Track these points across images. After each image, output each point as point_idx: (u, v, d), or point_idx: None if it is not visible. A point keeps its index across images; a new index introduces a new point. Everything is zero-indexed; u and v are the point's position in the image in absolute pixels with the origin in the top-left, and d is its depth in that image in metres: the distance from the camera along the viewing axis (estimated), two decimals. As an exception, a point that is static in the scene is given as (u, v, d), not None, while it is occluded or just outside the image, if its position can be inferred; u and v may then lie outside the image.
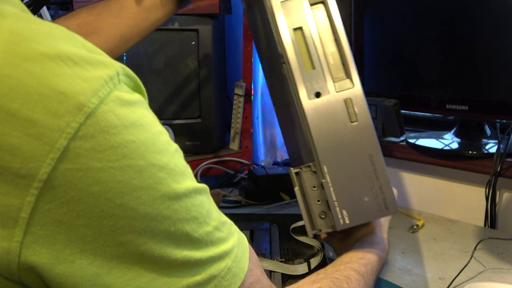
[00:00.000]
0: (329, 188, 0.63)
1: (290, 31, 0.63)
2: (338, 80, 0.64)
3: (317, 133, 0.63)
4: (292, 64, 0.63)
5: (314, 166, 0.63)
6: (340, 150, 0.63)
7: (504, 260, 0.88)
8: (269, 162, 1.54)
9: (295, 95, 0.64)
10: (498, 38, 1.01)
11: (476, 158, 1.10)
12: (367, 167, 0.63)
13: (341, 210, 0.63)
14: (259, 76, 1.55)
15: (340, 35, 0.64)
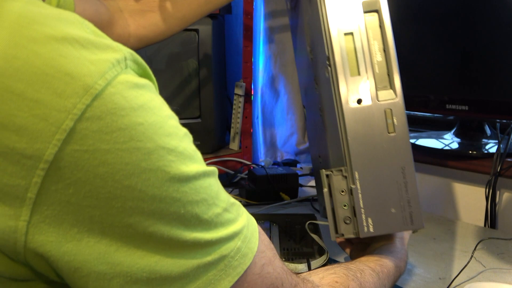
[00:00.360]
0: (358, 195, 0.63)
1: (340, 35, 0.64)
2: (381, 89, 0.64)
3: (354, 138, 0.63)
4: (338, 67, 0.64)
5: (346, 171, 0.64)
6: (374, 158, 0.63)
7: (504, 260, 0.88)
8: (269, 162, 1.54)
9: (336, 98, 0.64)
10: (498, 38, 1.01)
11: (476, 158, 1.10)
12: (398, 179, 0.64)
13: (367, 218, 0.64)
14: (259, 76, 1.56)
15: (389, 45, 0.64)
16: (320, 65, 0.69)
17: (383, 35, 0.65)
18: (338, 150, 0.66)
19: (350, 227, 0.65)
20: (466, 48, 1.06)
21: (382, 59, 0.65)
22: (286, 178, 1.27)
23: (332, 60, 0.64)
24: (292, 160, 1.61)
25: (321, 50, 0.67)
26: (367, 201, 0.63)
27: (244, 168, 1.44)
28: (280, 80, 1.59)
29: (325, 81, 0.67)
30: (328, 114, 0.69)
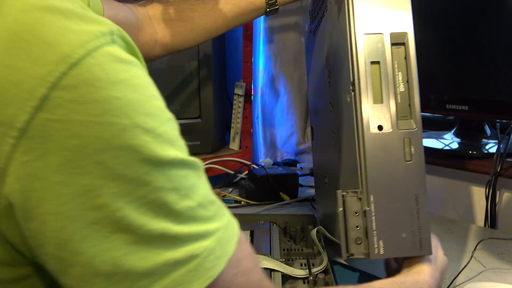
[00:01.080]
0: (372, 217, 0.66)
1: (367, 63, 0.67)
2: (401, 119, 0.67)
3: (372, 163, 0.66)
4: (362, 93, 0.66)
5: (361, 193, 0.66)
6: (389, 184, 0.66)
7: (504, 260, 0.88)
8: (269, 162, 1.54)
9: (358, 123, 0.66)
10: (498, 38, 1.01)
11: (476, 158, 1.10)
12: (411, 206, 0.66)
13: (378, 240, 0.66)
14: (259, 76, 1.56)
15: (413, 77, 0.67)
16: (342, 89, 0.72)
17: (408, 67, 0.68)
18: (352, 172, 0.69)
19: (361, 248, 0.66)
20: (466, 48, 1.06)
21: (404, 90, 0.68)
22: (286, 178, 1.27)
23: (357, 85, 0.67)
24: (292, 160, 1.61)
25: (345, 75, 0.69)
26: (380, 224, 0.66)
27: (244, 168, 1.44)
28: (280, 80, 1.59)
29: (346, 105, 0.70)
30: (345, 137, 0.72)
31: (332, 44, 0.79)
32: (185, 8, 0.83)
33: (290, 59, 1.57)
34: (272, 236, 0.88)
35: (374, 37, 0.67)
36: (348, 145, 0.71)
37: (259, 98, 1.58)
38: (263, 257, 0.76)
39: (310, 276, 0.74)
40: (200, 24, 0.83)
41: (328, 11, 0.80)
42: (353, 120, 0.68)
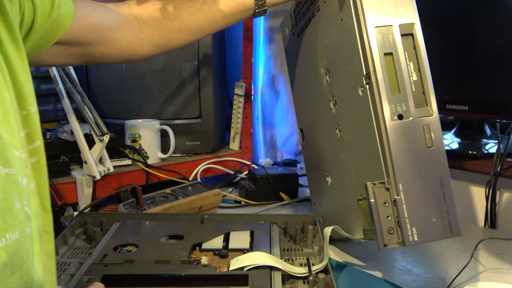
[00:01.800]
0: (402, 205, 0.67)
1: (381, 55, 0.68)
2: (418, 107, 0.69)
3: (397, 152, 0.67)
4: (380, 85, 0.67)
5: (388, 183, 0.67)
6: (415, 171, 0.67)
7: (504, 260, 0.88)
8: (269, 162, 1.54)
9: (379, 114, 0.68)
10: (498, 38, 1.01)
11: (476, 158, 1.10)
12: (437, 190, 0.68)
13: (411, 228, 0.67)
14: (259, 76, 1.56)
15: (424, 66, 0.69)
16: (349, 84, 0.74)
17: (418, 57, 0.69)
18: (374, 164, 0.70)
19: (394, 237, 0.68)
20: (466, 48, 1.06)
21: (417, 79, 0.69)
22: (286, 178, 1.27)
23: (373, 77, 0.68)
24: (292, 160, 1.61)
25: (354, 70, 0.71)
26: (411, 211, 0.67)
27: (244, 168, 1.44)
28: (280, 80, 1.59)
29: (358, 99, 0.72)
30: (359, 131, 0.74)
31: (331, 42, 0.79)
32: (172, 7, 0.83)
33: (290, 59, 1.57)
34: (272, 236, 0.89)
35: (384, 29, 0.69)
36: (365, 137, 0.71)
37: (259, 98, 1.58)
38: (263, 254, 0.77)
39: (310, 275, 0.74)
40: (188, 23, 0.84)
41: (321, 12, 0.81)
42: (370, 112, 0.69)
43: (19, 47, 0.59)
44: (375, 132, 0.69)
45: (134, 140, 1.31)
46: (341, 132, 0.81)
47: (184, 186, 1.14)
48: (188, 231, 0.89)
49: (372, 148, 0.70)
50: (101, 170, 1.15)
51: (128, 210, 1.02)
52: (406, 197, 0.67)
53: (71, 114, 1.14)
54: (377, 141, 0.69)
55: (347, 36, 0.73)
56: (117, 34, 0.79)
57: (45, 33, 0.67)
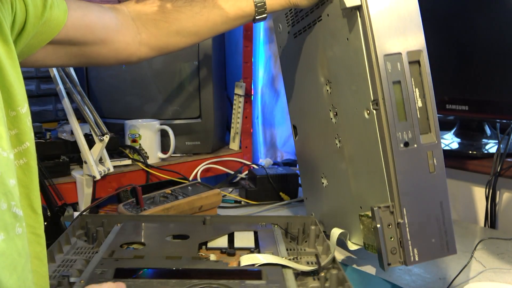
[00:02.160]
0: (406, 228, 0.70)
1: (390, 83, 0.70)
2: (423, 133, 0.71)
3: (402, 179, 0.70)
4: (389, 113, 0.69)
5: (393, 207, 0.70)
6: (418, 196, 0.71)
7: (504, 260, 0.88)
8: (269, 162, 1.54)
9: (386, 141, 0.70)
10: (498, 38, 1.01)
11: (476, 158, 1.10)
12: (437, 213, 0.72)
13: (413, 249, 0.71)
14: (259, 76, 1.55)
15: (430, 93, 0.71)
16: (354, 103, 0.75)
17: (424, 83, 0.71)
18: (378, 186, 0.73)
19: (397, 257, 0.71)
20: (466, 48, 1.06)
21: (422, 105, 0.71)
22: (286, 178, 1.27)
23: (382, 106, 0.70)
24: (292, 160, 1.61)
25: (360, 92, 0.73)
26: (413, 234, 0.71)
27: (244, 168, 1.44)
28: (280, 80, 1.59)
29: (363, 120, 0.74)
30: (363, 151, 0.76)
31: (335, 57, 0.80)
32: (171, 9, 0.82)
33: (290, 59, 1.57)
34: (276, 237, 0.89)
35: (394, 57, 0.70)
36: (369, 159, 0.74)
37: (259, 98, 1.58)
38: (271, 255, 0.77)
39: (320, 270, 0.75)
40: (187, 27, 0.83)
41: (324, 23, 0.82)
42: (376, 136, 0.71)
43: (9, 46, 0.59)
44: (380, 157, 0.71)
45: (134, 140, 1.31)
46: (341, 144, 0.82)
47: (184, 186, 1.14)
48: (191, 231, 0.89)
49: (376, 170, 0.73)
50: (101, 170, 1.15)
51: (128, 210, 1.02)
52: (409, 220, 0.70)
53: (71, 114, 1.14)
54: (383, 165, 0.71)
55: (354, 58, 0.74)
56: (114, 35, 0.79)
57: (38, 33, 0.67)
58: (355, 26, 0.72)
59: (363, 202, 0.80)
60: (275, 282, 0.69)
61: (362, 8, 0.71)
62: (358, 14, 0.72)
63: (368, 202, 0.77)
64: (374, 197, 0.75)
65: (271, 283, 0.68)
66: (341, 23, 0.76)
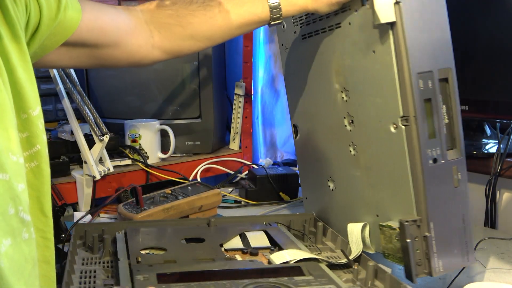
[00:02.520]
0: (432, 242, 0.72)
1: (421, 101, 0.70)
2: (449, 149, 0.73)
3: (431, 195, 0.71)
4: (420, 131, 0.70)
5: (420, 221, 0.72)
6: (444, 210, 0.73)
7: (504, 260, 0.88)
8: (269, 162, 1.54)
9: (416, 158, 0.71)
10: (498, 38, 1.01)
11: (476, 158, 1.10)
12: (459, 225, 0.74)
13: (438, 260, 0.72)
14: (259, 76, 1.55)
15: (456, 109, 0.73)
16: (377, 116, 0.76)
17: (451, 100, 0.72)
18: (402, 199, 0.75)
19: (422, 268, 0.73)
20: (466, 48, 1.06)
21: (448, 121, 0.73)
22: (286, 178, 1.27)
23: (414, 123, 0.70)
24: (292, 160, 1.60)
25: (386, 106, 0.74)
26: (438, 246, 0.72)
27: (244, 168, 1.44)
28: (280, 80, 1.58)
29: (388, 134, 0.75)
30: (385, 163, 0.77)
31: (355, 66, 0.80)
32: (185, 13, 0.81)
33: (290, 59, 1.57)
34: (287, 234, 0.90)
35: (425, 75, 0.71)
36: (393, 172, 0.76)
37: (259, 98, 1.57)
38: (301, 251, 0.79)
39: (351, 263, 0.77)
40: (201, 31, 0.82)
41: (343, 31, 0.81)
42: (403, 151, 0.72)
43: (22, 48, 0.59)
44: (407, 171, 0.73)
45: (134, 140, 1.31)
46: (357, 152, 0.83)
47: (184, 186, 1.14)
48: (203, 233, 0.88)
49: (401, 183, 0.74)
50: (101, 170, 1.15)
51: (128, 210, 1.02)
52: (435, 234, 0.72)
53: (71, 114, 1.14)
54: (409, 180, 0.73)
55: (381, 72, 0.74)
56: (127, 38, 0.78)
57: (51, 34, 0.67)
58: (387, 41, 0.72)
59: (380, 211, 0.81)
60: (320, 276, 0.71)
61: (396, 25, 0.70)
62: (390, 29, 0.71)
63: (387, 212, 0.79)
64: (396, 208, 0.76)
65: (318, 277, 0.70)
66: (366, 35, 0.75)
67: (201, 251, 0.80)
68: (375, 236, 0.82)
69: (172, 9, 0.81)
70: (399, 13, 0.69)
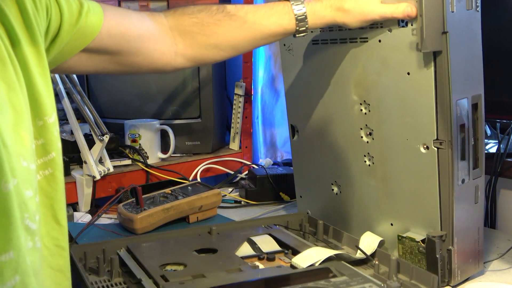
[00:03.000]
0: (455, 254, 0.76)
1: (458, 126, 0.74)
2: (474, 169, 0.78)
3: (458, 213, 0.76)
4: (454, 154, 0.74)
5: (446, 236, 0.76)
6: (465, 225, 0.78)
7: (504, 260, 0.88)
8: (269, 162, 1.54)
9: (448, 179, 0.75)
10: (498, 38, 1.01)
11: (476, 158, 1.10)
12: (475, 237, 0.80)
13: (458, 270, 0.77)
14: (259, 76, 1.55)
15: (482, 132, 0.78)
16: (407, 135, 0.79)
17: (478, 124, 0.77)
18: (416, 212, 0.80)
19: (442, 277, 0.76)
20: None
21: (474, 143, 0.77)
22: (286, 178, 1.27)
23: (449, 147, 0.74)
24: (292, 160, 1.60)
25: (420, 127, 0.77)
26: (459, 258, 0.77)
27: (244, 168, 1.44)
28: (280, 80, 1.58)
29: (416, 154, 0.78)
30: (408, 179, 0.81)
31: (381, 84, 0.81)
32: (209, 22, 0.80)
33: (290, 59, 1.56)
34: (292, 235, 0.91)
35: (463, 102, 0.74)
36: (418, 189, 0.79)
37: (259, 98, 1.58)
38: (322, 249, 0.81)
39: (371, 258, 0.80)
40: (225, 40, 0.81)
41: (371, 46, 0.81)
42: (434, 172, 0.76)
43: (40, 54, 0.58)
44: (436, 190, 0.76)
45: (134, 140, 1.31)
46: (373, 163, 0.86)
47: (184, 186, 1.14)
48: (211, 243, 0.87)
49: (427, 200, 0.78)
50: (101, 170, 1.15)
51: (128, 210, 1.02)
52: (458, 247, 0.76)
53: (71, 114, 1.14)
54: (437, 198, 0.76)
55: (416, 94, 0.76)
56: (149, 44, 0.77)
57: (72, 39, 0.66)
58: (427, 67, 0.74)
59: (396, 220, 0.84)
60: (353, 275, 0.72)
61: (442, 53, 0.72)
62: (433, 56, 0.73)
63: (404, 223, 0.83)
64: (416, 221, 0.81)
65: (353, 276, 0.72)
66: (400, 56, 0.77)
67: (221, 262, 0.79)
68: (387, 242, 0.85)
69: (197, 17, 0.80)
70: (445, 42, 0.71)
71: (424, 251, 0.77)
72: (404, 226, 0.83)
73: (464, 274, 0.79)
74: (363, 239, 0.85)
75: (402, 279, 0.77)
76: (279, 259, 0.83)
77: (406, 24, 0.75)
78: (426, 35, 0.71)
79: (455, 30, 0.72)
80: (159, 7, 1.36)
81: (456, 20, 0.72)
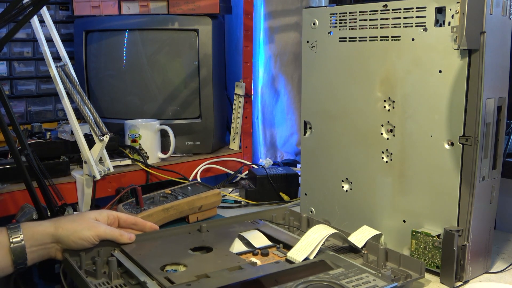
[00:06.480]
0: (469, 250, 0.79)
1: (486, 124, 0.77)
2: (493, 169, 0.80)
3: (476, 210, 0.78)
4: (479, 151, 0.77)
5: (462, 231, 0.79)
6: (480, 222, 0.80)
7: (504, 260, 0.89)
8: (269, 162, 1.54)
9: (471, 175, 0.78)
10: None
11: (476, 158, 1.10)
12: (487, 237, 0.82)
13: (469, 267, 0.80)
14: (259, 76, 1.56)
15: (503, 133, 0.81)
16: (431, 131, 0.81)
17: (500, 125, 0.80)
18: (445, 209, 0.81)
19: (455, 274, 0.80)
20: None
21: (495, 143, 0.80)
22: (286, 178, 1.27)
23: (474, 144, 0.76)
24: (292, 160, 1.61)
25: (446, 124, 0.79)
26: (472, 254, 0.80)
27: (244, 168, 1.44)
28: (280, 80, 1.59)
29: (440, 150, 0.80)
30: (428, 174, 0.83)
31: (411, 80, 0.83)
32: None
33: (290, 59, 1.57)
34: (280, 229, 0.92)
35: (490, 101, 0.77)
36: (438, 185, 0.81)
37: (259, 98, 1.58)
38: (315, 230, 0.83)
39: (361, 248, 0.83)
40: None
41: (403, 45, 0.84)
42: (457, 168, 0.79)
43: None
44: (457, 186, 0.79)
45: (134, 140, 1.31)
46: (391, 160, 0.88)
47: (184, 186, 1.15)
48: (204, 241, 0.87)
49: (446, 196, 0.80)
50: (101, 170, 1.15)
51: (128, 210, 1.02)
52: (472, 243, 0.79)
53: (71, 114, 1.13)
54: (457, 194, 0.79)
55: (447, 91, 0.78)
56: None
57: None
58: (462, 65, 0.76)
59: (409, 217, 0.86)
60: (349, 267, 0.75)
61: (478, 52, 0.75)
62: (467, 55, 0.75)
63: (417, 219, 0.85)
64: (432, 217, 0.83)
65: (348, 268, 0.75)
66: (434, 54, 0.79)
67: (220, 261, 0.79)
68: (396, 239, 0.88)
69: None
70: (482, 42, 0.74)
71: (439, 246, 0.80)
72: (418, 222, 0.84)
73: (474, 271, 0.81)
74: (357, 232, 0.87)
75: (390, 265, 0.80)
76: (273, 254, 0.83)
77: (443, 23, 0.78)
78: (466, 33, 0.74)
79: (491, 32, 0.74)
80: (159, 7, 1.36)
81: (492, 23, 0.75)
